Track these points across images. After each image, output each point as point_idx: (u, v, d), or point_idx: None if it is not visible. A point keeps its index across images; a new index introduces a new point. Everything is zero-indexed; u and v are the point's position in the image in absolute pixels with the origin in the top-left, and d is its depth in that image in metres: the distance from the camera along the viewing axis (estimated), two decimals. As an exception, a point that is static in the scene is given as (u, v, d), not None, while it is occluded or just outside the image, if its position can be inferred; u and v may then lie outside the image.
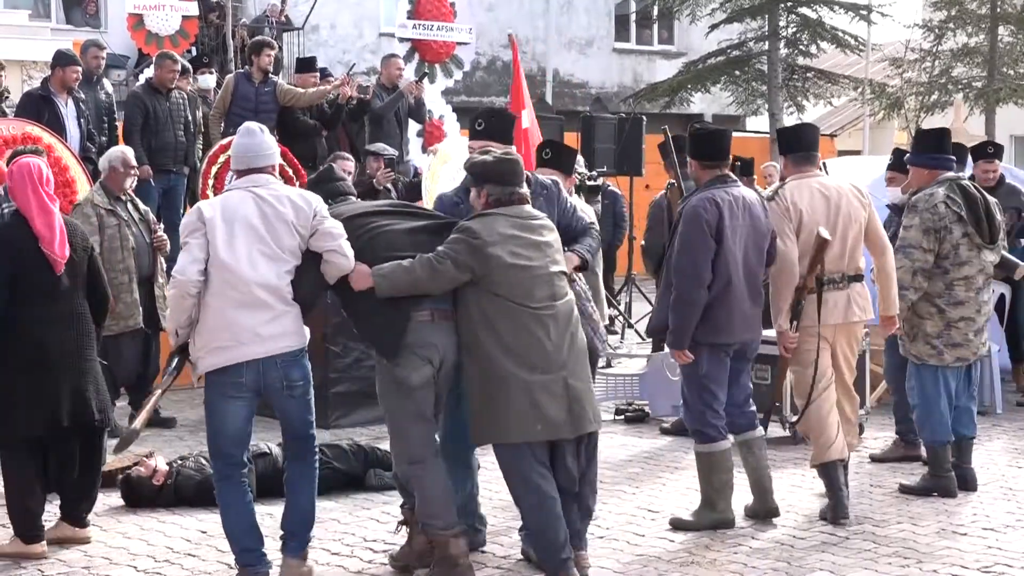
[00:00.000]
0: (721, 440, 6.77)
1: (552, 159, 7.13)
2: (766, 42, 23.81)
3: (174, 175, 11.91)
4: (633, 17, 28.20)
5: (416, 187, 11.07)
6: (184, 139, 11.90)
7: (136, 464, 7.47)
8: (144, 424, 5.98)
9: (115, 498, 7.35)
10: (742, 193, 6.77)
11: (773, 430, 8.20)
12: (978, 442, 7.94)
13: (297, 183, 11.07)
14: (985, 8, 23.61)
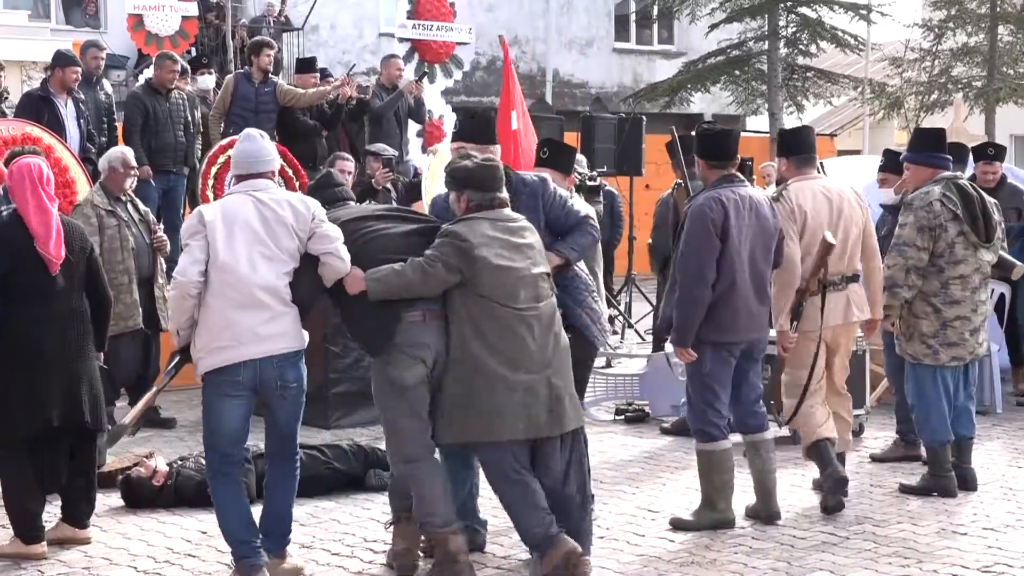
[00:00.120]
0: (722, 440, 6.77)
1: (550, 158, 7.11)
2: (766, 42, 23.81)
3: (174, 175, 11.91)
4: (633, 17, 28.20)
5: (416, 187, 11.06)
6: (184, 139, 11.90)
7: (136, 465, 7.47)
8: (135, 420, 6.05)
9: (115, 499, 7.35)
10: (749, 193, 6.79)
11: (771, 429, 8.19)
12: (978, 442, 7.94)
13: (297, 183, 11.10)
14: (985, 7, 23.61)
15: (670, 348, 7.04)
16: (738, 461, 6.93)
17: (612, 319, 13.69)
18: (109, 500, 7.30)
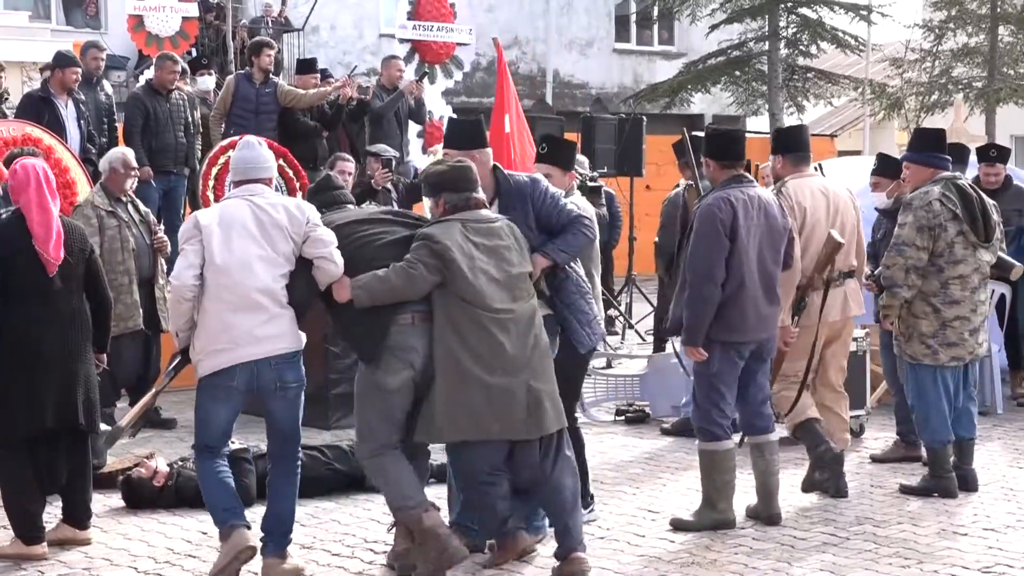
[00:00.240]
0: (725, 440, 6.78)
1: (549, 154, 6.98)
2: (766, 42, 23.82)
3: (174, 176, 11.91)
4: (633, 18, 28.22)
5: (416, 188, 11.03)
6: (184, 140, 11.90)
7: (137, 465, 7.47)
8: (132, 422, 6.12)
9: (116, 499, 7.35)
10: (758, 193, 6.82)
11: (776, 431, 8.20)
12: (978, 443, 7.93)
13: (298, 184, 11.11)
14: (985, 8, 23.62)
15: (679, 346, 7.05)
16: (739, 462, 6.93)
17: (613, 320, 13.71)
18: (110, 501, 7.31)
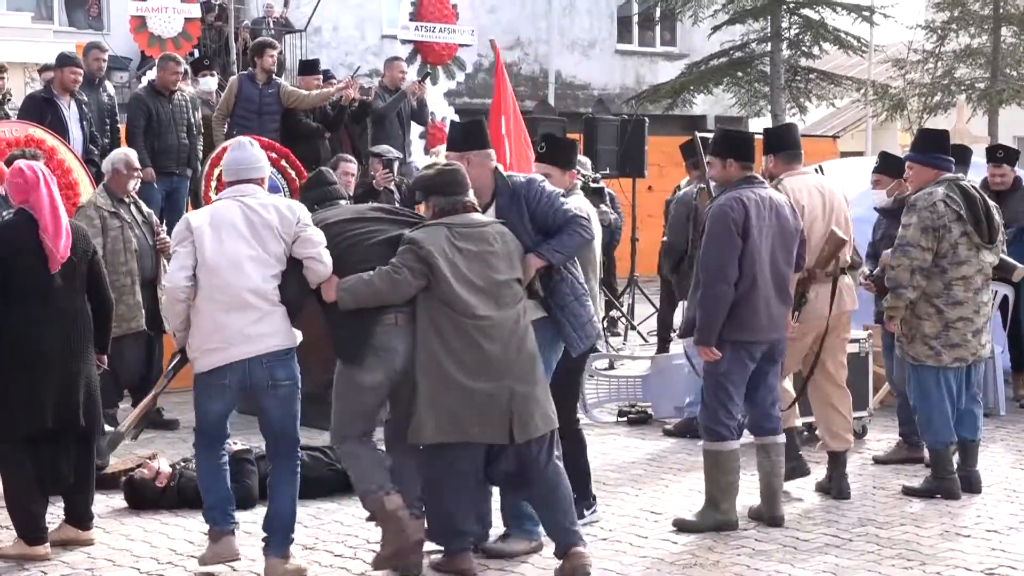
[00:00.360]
0: (730, 440, 6.78)
1: (547, 153, 6.90)
2: (768, 43, 23.80)
3: (177, 177, 11.91)
4: (635, 19, 28.18)
5: (418, 189, 11.05)
6: (187, 141, 11.90)
7: (139, 466, 7.48)
8: (133, 425, 6.19)
9: (118, 500, 7.36)
10: (770, 194, 6.85)
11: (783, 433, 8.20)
12: (981, 444, 7.92)
13: (300, 184, 11.10)
14: (988, 9, 23.61)
15: (690, 345, 7.06)
16: (750, 464, 6.93)
17: (615, 321, 13.70)
18: (112, 501, 7.31)
